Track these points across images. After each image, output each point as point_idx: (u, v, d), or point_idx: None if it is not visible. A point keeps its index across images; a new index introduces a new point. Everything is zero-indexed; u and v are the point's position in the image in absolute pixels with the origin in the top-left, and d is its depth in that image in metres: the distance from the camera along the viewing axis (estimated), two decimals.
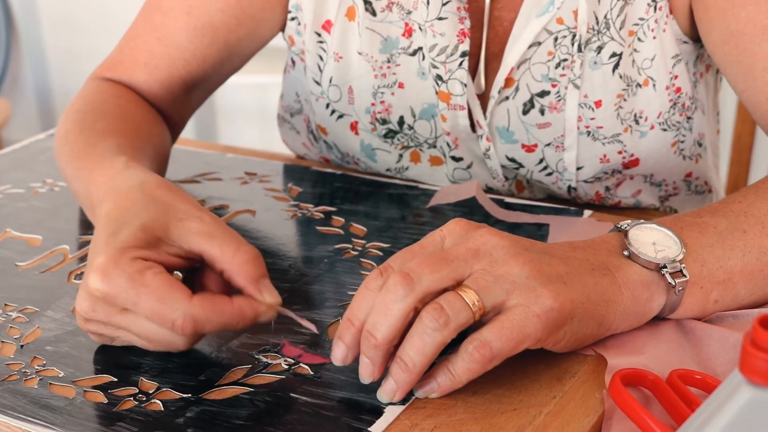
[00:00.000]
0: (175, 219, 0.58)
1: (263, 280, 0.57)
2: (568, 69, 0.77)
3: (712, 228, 0.60)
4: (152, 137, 0.78)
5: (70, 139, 0.74)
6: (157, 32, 0.83)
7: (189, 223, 0.57)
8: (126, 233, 0.57)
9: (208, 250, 0.57)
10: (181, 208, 0.59)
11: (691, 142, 0.83)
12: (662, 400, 0.53)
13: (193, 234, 0.57)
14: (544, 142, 0.80)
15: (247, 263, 0.56)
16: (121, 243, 0.56)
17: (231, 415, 0.53)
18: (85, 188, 0.67)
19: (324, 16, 0.82)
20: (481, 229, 0.56)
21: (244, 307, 0.56)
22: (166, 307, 0.53)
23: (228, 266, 0.56)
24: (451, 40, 0.77)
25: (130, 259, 0.55)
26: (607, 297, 0.56)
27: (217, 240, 0.57)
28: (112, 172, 0.64)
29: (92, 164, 0.68)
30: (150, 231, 0.57)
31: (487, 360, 0.52)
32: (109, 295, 0.54)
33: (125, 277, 0.54)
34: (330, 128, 0.86)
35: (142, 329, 0.55)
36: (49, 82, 2.77)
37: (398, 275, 0.53)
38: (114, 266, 0.54)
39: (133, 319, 0.55)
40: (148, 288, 0.54)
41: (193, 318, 0.53)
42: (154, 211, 0.58)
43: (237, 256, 0.56)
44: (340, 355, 0.55)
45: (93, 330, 0.58)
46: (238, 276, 0.56)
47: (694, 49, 0.80)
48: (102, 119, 0.76)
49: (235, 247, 0.57)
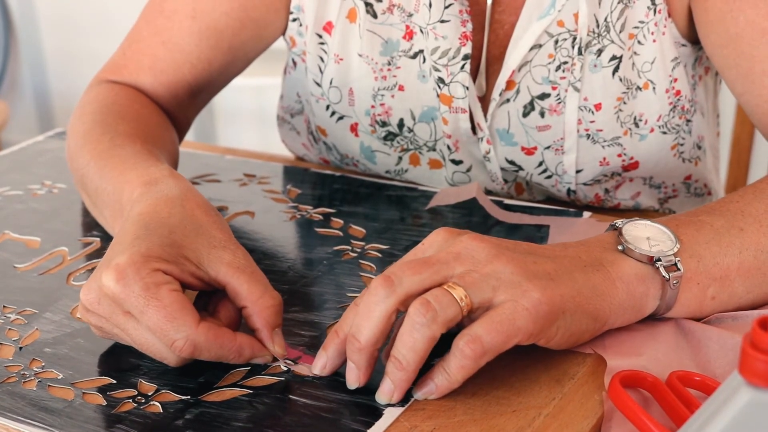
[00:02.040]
0: (208, 244, 0.58)
1: (278, 330, 0.57)
2: (568, 72, 0.77)
3: (709, 226, 0.60)
4: (166, 144, 0.78)
5: (91, 138, 0.73)
6: (161, 36, 0.83)
7: (222, 252, 0.58)
8: (155, 241, 0.56)
9: (234, 284, 0.57)
10: (216, 235, 0.59)
11: (691, 145, 0.83)
12: (661, 401, 0.53)
13: (224, 264, 0.57)
14: (544, 144, 0.80)
15: (269, 308, 0.57)
16: (147, 249, 0.56)
17: (230, 417, 0.53)
18: (112, 186, 0.67)
19: (325, 18, 0.82)
20: (462, 236, 0.56)
21: (244, 347, 0.56)
22: (172, 326, 0.54)
23: (251, 305, 0.57)
24: (453, 43, 0.77)
25: (151, 269, 0.55)
26: (600, 291, 0.56)
27: (246, 276, 0.57)
28: (152, 176, 0.64)
29: (123, 165, 0.67)
30: (179, 247, 0.57)
31: (478, 355, 0.51)
32: (119, 297, 0.54)
33: (141, 285, 0.54)
34: (330, 130, 0.86)
35: (139, 337, 0.55)
36: (47, 84, 2.76)
37: (379, 278, 0.53)
38: (134, 270, 0.54)
39: (135, 325, 0.55)
40: (160, 303, 0.54)
41: (194, 344, 0.54)
42: (190, 230, 0.58)
43: (262, 299, 0.57)
44: (320, 363, 0.56)
45: (93, 322, 0.58)
46: (258, 318, 0.57)
47: (693, 51, 0.80)
48: (122, 122, 0.75)
49: (263, 289, 0.57)
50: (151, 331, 0.54)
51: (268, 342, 0.57)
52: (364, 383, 0.54)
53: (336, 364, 0.56)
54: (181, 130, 0.86)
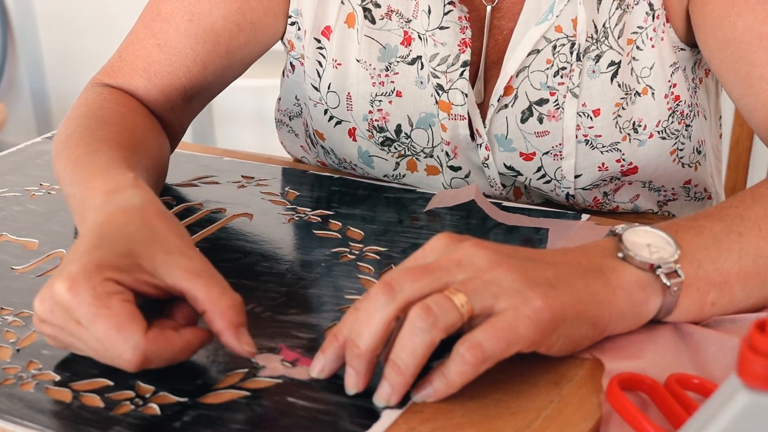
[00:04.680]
0: (164, 251, 0.57)
1: (242, 328, 0.56)
2: (566, 77, 0.77)
3: (708, 231, 0.60)
4: (151, 149, 0.77)
5: (70, 143, 0.73)
6: (158, 39, 0.82)
7: (178, 258, 0.57)
8: (109, 251, 0.56)
9: (191, 289, 0.56)
10: (173, 242, 0.58)
11: (690, 150, 0.83)
12: (660, 404, 0.53)
13: (180, 270, 0.56)
14: (543, 150, 0.80)
15: (230, 309, 0.56)
16: (101, 259, 0.55)
17: (228, 419, 0.53)
18: (80, 193, 0.66)
19: (324, 22, 0.82)
20: (464, 242, 0.56)
21: (191, 340, 0.56)
22: (120, 335, 0.53)
23: (210, 308, 0.56)
24: (452, 49, 0.77)
25: (103, 278, 0.54)
26: (600, 298, 0.56)
27: (202, 280, 0.56)
28: (115, 185, 0.63)
29: (93, 172, 0.67)
30: (134, 257, 0.56)
31: (479, 362, 0.51)
32: (70, 306, 0.54)
33: (92, 294, 0.53)
34: (328, 134, 0.86)
35: (92, 345, 0.55)
36: (45, 85, 2.76)
37: (379, 284, 0.53)
38: (85, 279, 0.54)
39: (87, 334, 0.54)
40: (110, 312, 0.53)
41: (143, 352, 0.53)
42: (146, 238, 0.57)
43: (221, 301, 0.56)
44: (318, 366, 0.55)
45: (47, 332, 0.57)
46: (220, 320, 0.55)
47: (692, 55, 0.80)
48: (103, 127, 0.75)
49: (221, 291, 0.56)
50: (101, 341, 0.54)
51: (234, 343, 0.55)
52: (363, 389, 0.54)
53: (334, 368, 0.55)
54: (175, 135, 0.86)
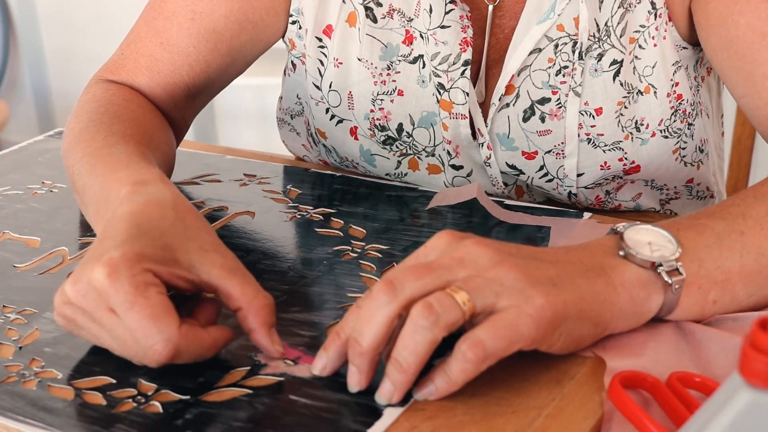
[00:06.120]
0: (200, 248, 0.58)
1: (273, 329, 0.58)
2: (568, 76, 0.77)
3: (710, 229, 0.60)
4: (161, 145, 0.77)
5: (85, 137, 0.73)
6: (160, 37, 0.83)
7: (213, 255, 0.58)
8: (149, 242, 0.56)
9: (227, 287, 0.57)
10: (207, 239, 0.59)
11: (693, 149, 0.83)
12: (661, 402, 0.53)
13: (216, 267, 0.57)
14: (545, 149, 0.80)
15: (264, 308, 0.57)
16: (141, 249, 0.56)
17: (230, 417, 0.53)
18: (100, 184, 0.66)
19: (325, 21, 0.82)
20: (466, 240, 0.56)
21: (218, 338, 0.57)
22: (155, 326, 0.53)
23: (245, 306, 0.57)
24: (453, 48, 0.77)
25: (143, 268, 0.55)
26: (603, 297, 0.56)
27: (238, 279, 0.57)
28: (142, 177, 0.63)
29: (114, 164, 0.67)
30: (171, 251, 0.57)
31: (480, 360, 0.51)
32: (107, 291, 0.54)
33: (131, 282, 0.54)
34: (329, 133, 0.86)
35: (119, 335, 0.55)
36: (47, 84, 2.77)
37: (382, 283, 0.53)
38: (126, 267, 0.54)
39: (117, 322, 0.55)
40: (147, 302, 0.54)
41: (176, 346, 0.54)
42: (181, 234, 0.58)
43: (257, 300, 0.57)
44: (320, 364, 0.56)
45: (68, 315, 0.57)
46: (255, 318, 0.57)
47: (694, 53, 0.80)
48: (117, 122, 0.75)
49: (255, 290, 0.57)
50: (133, 330, 0.54)
51: (266, 341, 0.57)
52: (366, 387, 0.54)
53: (336, 366, 0.56)
54: (179, 132, 0.86)
